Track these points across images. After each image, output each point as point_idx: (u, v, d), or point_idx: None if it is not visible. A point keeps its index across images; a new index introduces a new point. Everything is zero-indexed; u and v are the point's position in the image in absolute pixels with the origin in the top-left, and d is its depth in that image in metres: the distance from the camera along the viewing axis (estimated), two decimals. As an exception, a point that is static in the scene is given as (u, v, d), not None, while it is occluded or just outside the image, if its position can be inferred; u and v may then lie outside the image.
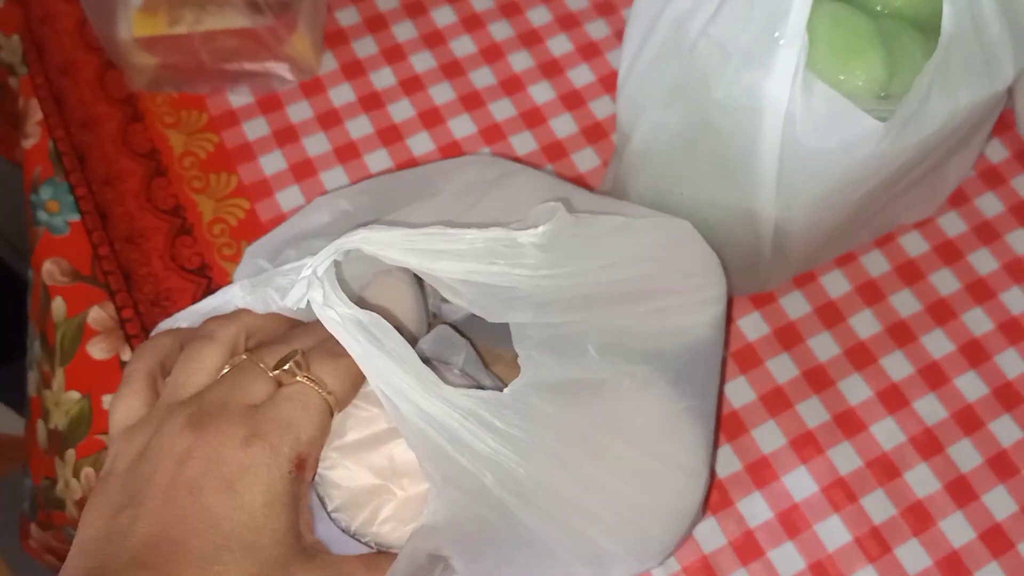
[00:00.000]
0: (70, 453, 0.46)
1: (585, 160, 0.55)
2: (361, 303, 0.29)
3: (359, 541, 0.31)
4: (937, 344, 0.49)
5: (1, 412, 0.73)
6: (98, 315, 0.49)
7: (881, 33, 0.37)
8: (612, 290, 0.33)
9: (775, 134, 0.35)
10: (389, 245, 0.28)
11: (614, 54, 0.59)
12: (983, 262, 0.51)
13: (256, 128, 0.55)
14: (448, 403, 0.28)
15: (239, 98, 0.56)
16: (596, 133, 0.56)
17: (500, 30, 0.59)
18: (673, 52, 0.37)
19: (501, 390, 0.30)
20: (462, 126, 0.56)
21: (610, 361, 0.32)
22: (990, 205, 0.53)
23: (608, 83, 0.58)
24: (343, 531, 0.31)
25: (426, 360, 0.30)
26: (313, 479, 0.31)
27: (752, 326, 0.50)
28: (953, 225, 0.52)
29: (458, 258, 0.29)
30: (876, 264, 0.51)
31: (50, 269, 0.51)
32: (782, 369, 0.49)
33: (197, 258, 0.51)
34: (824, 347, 0.49)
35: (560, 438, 0.30)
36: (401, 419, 0.28)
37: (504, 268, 0.29)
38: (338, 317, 0.28)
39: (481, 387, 0.34)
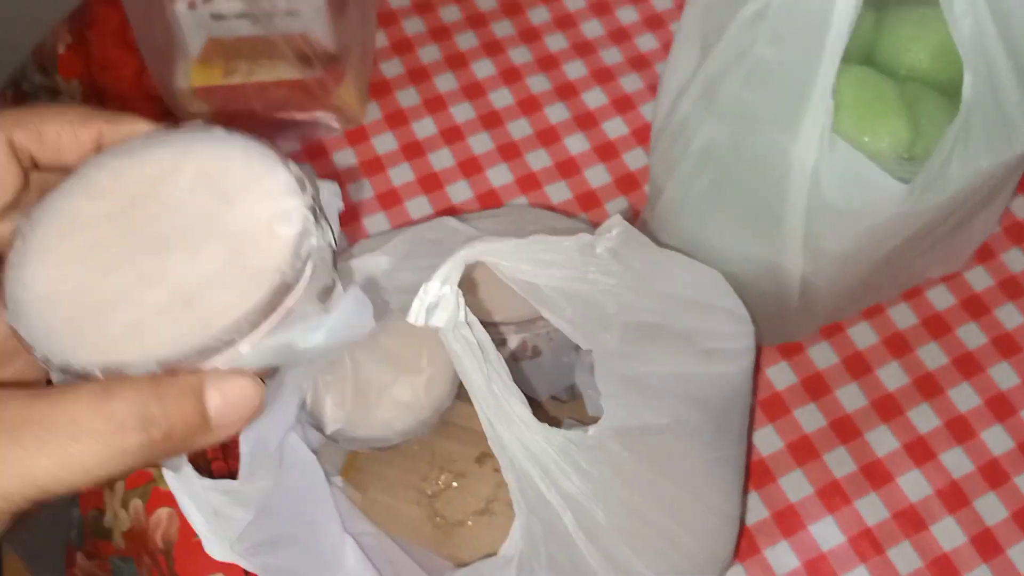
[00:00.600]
0: (119, 484, 0.48)
1: (618, 210, 0.57)
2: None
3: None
4: (963, 397, 0.50)
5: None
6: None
7: (905, 97, 0.38)
8: (670, 321, 0.34)
9: (802, 193, 0.36)
10: (507, 254, 0.30)
11: (647, 107, 0.60)
12: (1009, 316, 0.52)
13: (302, 174, 0.58)
14: (546, 439, 0.29)
15: (288, 145, 0.59)
16: (629, 183, 0.58)
17: (537, 83, 0.61)
18: (705, 112, 0.39)
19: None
20: (499, 175, 0.58)
21: (671, 405, 0.33)
22: (1016, 260, 0.54)
23: (641, 135, 0.59)
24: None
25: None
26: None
27: (780, 376, 0.51)
28: (979, 279, 0.53)
29: (560, 266, 0.31)
30: (903, 317, 0.52)
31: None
32: (809, 419, 0.50)
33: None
34: (851, 398, 0.50)
35: (629, 482, 0.32)
36: (502, 447, 0.29)
37: (597, 276, 0.31)
38: (471, 338, 0.29)
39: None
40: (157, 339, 0.24)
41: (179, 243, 0.25)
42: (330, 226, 0.27)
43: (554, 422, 0.31)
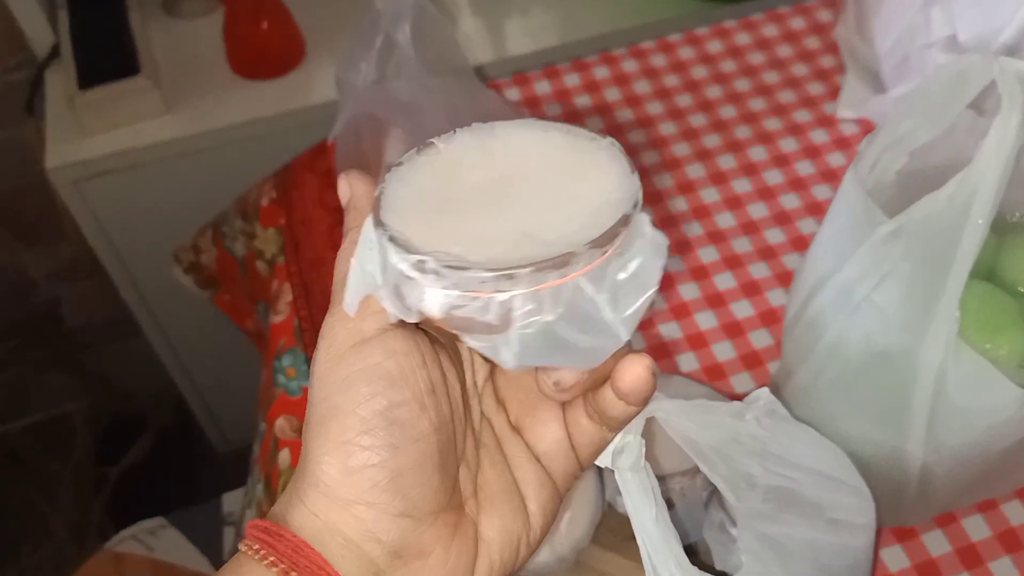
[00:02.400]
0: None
1: (741, 383, 0.62)
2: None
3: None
4: (1077, 599, 0.51)
5: (184, 546, 0.82)
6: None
7: (1023, 311, 0.43)
8: (802, 489, 0.39)
9: (928, 389, 0.41)
10: (676, 413, 0.35)
11: (773, 293, 0.67)
12: (1125, 524, 0.54)
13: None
14: None
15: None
16: (753, 360, 0.63)
17: (672, 263, 0.69)
18: (839, 310, 0.45)
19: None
20: (636, 342, 0.64)
21: (800, 569, 0.38)
22: None
23: (766, 318, 0.65)
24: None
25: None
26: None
27: (893, 558, 0.54)
28: (1094, 485, 0.55)
29: (716, 427, 0.36)
30: (1017, 513, 0.55)
31: (282, 425, 0.61)
32: (923, 603, 0.52)
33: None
34: (964, 587, 0.52)
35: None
36: None
37: (746, 439, 0.36)
38: (646, 481, 0.34)
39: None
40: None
41: (524, 201, 0.29)
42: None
43: (701, 566, 0.36)
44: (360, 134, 0.60)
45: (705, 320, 0.65)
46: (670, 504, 0.49)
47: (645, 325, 0.65)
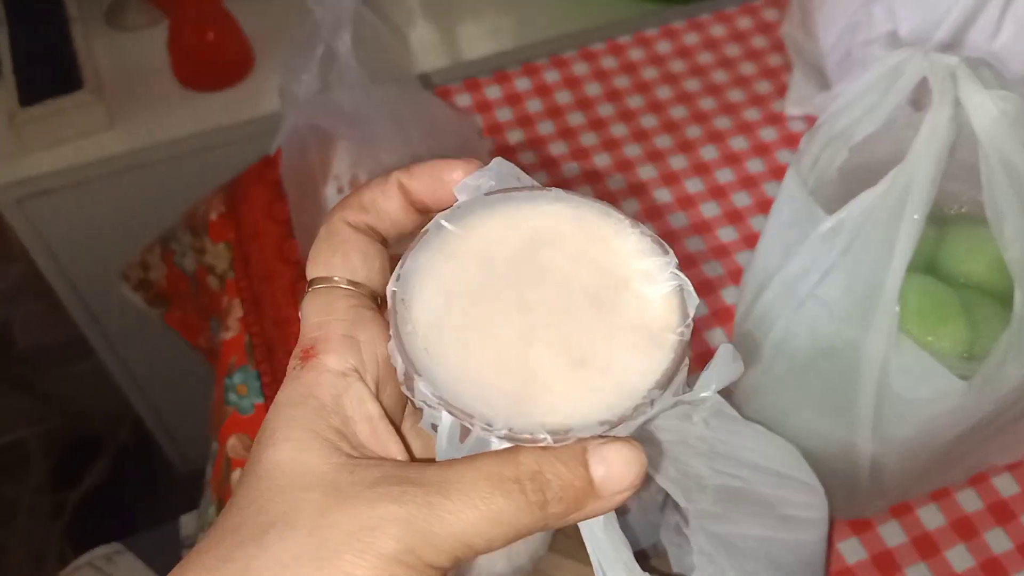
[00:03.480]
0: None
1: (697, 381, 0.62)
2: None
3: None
4: (1031, 584, 0.52)
5: (142, 572, 0.80)
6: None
7: (963, 303, 0.44)
8: (753, 487, 0.39)
9: (872, 382, 0.42)
10: None
11: (727, 291, 0.67)
12: (1074, 508, 0.55)
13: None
14: None
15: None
16: (709, 359, 0.63)
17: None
18: (784, 306, 0.45)
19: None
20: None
21: (754, 567, 0.38)
22: (1079, 454, 0.57)
23: (720, 316, 0.66)
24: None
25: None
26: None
27: (850, 550, 0.54)
28: (1043, 470, 0.56)
29: (664, 431, 0.35)
30: (970, 501, 0.55)
31: (234, 444, 0.60)
32: (880, 594, 0.52)
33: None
34: (920, 577, 0.53)
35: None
36: None
37: (694, 441, 0.36)
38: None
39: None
40: (579, 403, 0.25)
41: (560, 302, 0.26)
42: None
43: (652, 571, 0.35)
44: (305, 145, 0.59)
45: (659, 321, 0.65)
46: (625, 508, 0.49)
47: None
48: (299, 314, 0.28)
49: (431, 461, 0.25)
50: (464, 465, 0.24)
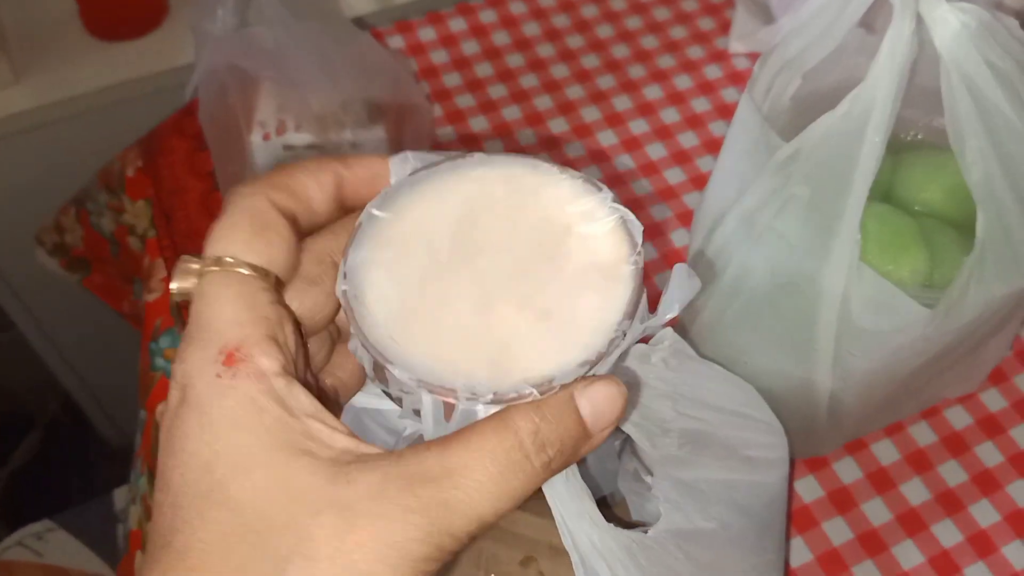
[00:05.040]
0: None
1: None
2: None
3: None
4: (984, 513, 0.52)
5: (75, 548, 0.76)
6: (203, 454, 0.54)
7: (923, 231, 0.42)
8: (715, 430, 0.37)
9: (832, 315, 0.40)
10: None
11: (676, 234, 0.65)
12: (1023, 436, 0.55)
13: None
14: (613, 537, 0.31)
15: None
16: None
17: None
18: (741, 240, 0.43)
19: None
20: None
21: (718, 511, 0.36)
22: (1028, 383, 0.57)
23: (670, 259, 0.64)
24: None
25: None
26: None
27: (807, 489, 0.53)
28: (994, 401, 0.56)
29: (623, 373, 0.33)
30: (923, 435, 0.55)
31: (163, 411, 0.56)
32: (837, 532, 0.52)
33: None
34: (877, 512, 0.52)
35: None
36: (574, 544, 0.31)
37: (654, 383, 0.34)
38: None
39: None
40: (555, 352, 0.25)
41: (509, 262, 0.26)
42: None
43: (617, 521, 0.34)
44: (225, 87, 0.55)
45: (608, 266, 0.63)
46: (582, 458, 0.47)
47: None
48: (195, 292, 0.25)
49: (419, 443, 0.24)
50: (462, 447, 0.23)
